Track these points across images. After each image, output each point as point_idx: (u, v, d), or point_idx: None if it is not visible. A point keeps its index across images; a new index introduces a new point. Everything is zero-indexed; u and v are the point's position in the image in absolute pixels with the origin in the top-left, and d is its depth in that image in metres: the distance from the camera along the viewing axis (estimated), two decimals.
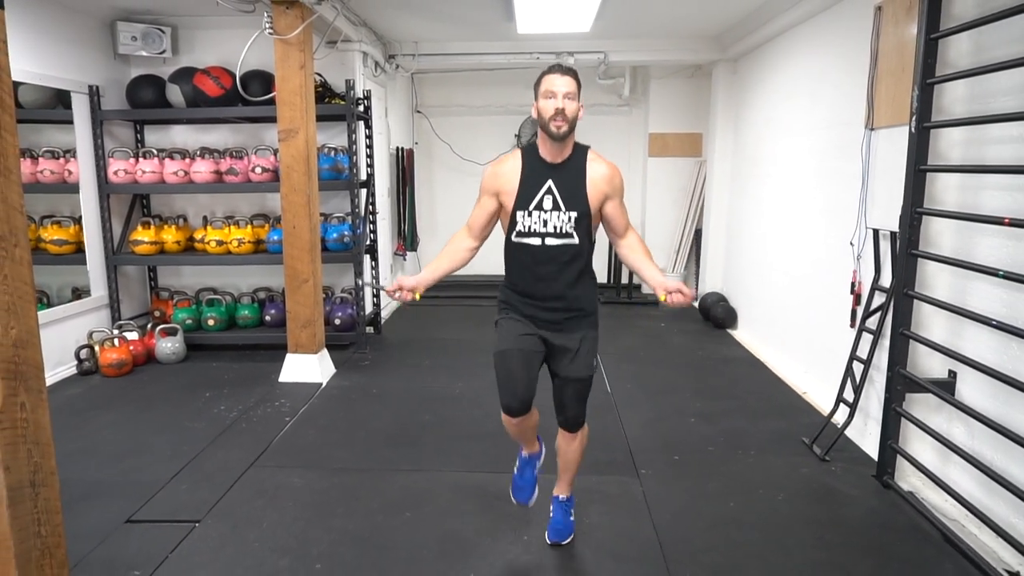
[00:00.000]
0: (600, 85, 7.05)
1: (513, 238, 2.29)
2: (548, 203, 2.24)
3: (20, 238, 1.82)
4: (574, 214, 2.24)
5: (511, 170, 2.28)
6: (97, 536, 2.57)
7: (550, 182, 2.24)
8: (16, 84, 4.41)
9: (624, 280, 7.08)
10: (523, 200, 2.25)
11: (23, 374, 1.82)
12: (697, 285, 6.97)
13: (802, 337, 4.45)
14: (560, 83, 2.16)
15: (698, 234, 6.97)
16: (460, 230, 2.41)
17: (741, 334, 5.72)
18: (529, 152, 2.29)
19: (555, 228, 2.25)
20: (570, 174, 2.26)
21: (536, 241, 2.26)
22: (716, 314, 5.95)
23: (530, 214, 2.25)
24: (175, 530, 2.62)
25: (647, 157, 7.28)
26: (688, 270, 7.18)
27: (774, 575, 2.39)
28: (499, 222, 2.39)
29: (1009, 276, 2.37)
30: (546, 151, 2.25)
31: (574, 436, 2.44)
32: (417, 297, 2.28)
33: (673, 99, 7.13)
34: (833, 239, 3.94)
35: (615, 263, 7.21)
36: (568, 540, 2.56)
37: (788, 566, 2.44)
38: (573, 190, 2.25)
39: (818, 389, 4.11)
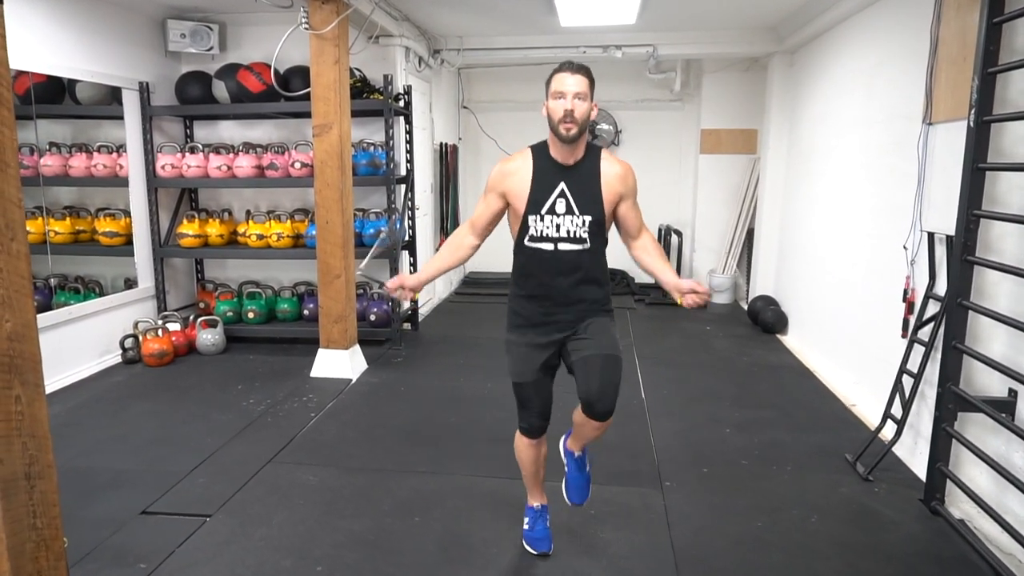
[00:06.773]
0: (650, 80, 6.84)
1: (526, 242, 2.18)
2: (561, 207, 2.13)
3: (17, 232, 1.82)
4: (588, 218, 2.13)
5: (521, 170, 2.17)
6: (113, 525, 2.61)
7: (563, 185, 2.13)
8: (72, 82, 4.64)
9: None
10: (535, 204, 2.14)
11: (18, 367, 1.82)
12: (748, 287, 6.69)
13: (853, 346, 4.17)
14: (571, 82, 2.04)
15: (750, 234, 6.67)
16: (462, 226, 2.32)
17: (791, 340, 5.44)
18: (540, 152, 2.17)
19: (568, 233, 2.13)
20: (584, 176, 2.14)
21: (549, 246, 2.15)
22: (765, 318, 5.68)
23: (542, 218, 2.14)
24: (186, 524, 2.63)
25: (699, 154, 7.02)
26: (739, 271, 6.89)
27: None
28: (506, 222, 2.29)
29: None
30: (557, 153, 2.14)
31: (600, 426, 2.17)
32: (416, 297, 2.20)
33: (727, 94, 6.83)
34: (887, 242, 3.67)
35: None
36: (587, 500, 2.42)
37: None
38: (587, 193, 2.13)
39: (868, 402, 3.84)
